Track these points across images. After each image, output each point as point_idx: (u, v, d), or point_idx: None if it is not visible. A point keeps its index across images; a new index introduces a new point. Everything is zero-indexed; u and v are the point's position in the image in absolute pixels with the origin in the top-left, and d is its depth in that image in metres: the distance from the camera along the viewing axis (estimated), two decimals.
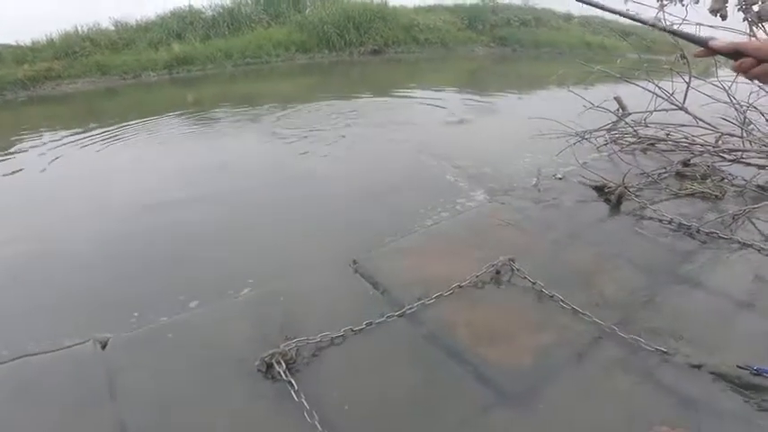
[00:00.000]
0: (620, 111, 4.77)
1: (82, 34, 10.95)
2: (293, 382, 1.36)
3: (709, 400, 1.28)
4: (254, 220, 3.03)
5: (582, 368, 1.42)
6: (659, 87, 3.66)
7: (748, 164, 3.18)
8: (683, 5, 2.78)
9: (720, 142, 3.40)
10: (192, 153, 4.84)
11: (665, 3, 2.84)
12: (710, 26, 2.64)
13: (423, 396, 1.35)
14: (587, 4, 0.99)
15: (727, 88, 3.49)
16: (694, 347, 1.29)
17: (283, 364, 1.42)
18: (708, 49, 0.79)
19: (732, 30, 2.61)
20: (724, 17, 2.56)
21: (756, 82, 0.82)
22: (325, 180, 3.72)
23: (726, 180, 2.92)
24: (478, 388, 1.37)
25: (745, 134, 3.28)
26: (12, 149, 5.00)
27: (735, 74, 0.82)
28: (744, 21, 2.55)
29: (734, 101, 3.50)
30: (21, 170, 4.30)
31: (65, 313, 2.10)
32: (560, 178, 3.15)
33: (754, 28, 2.56)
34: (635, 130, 3.95)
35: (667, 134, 3.82)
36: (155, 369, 1.50)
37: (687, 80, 3.46)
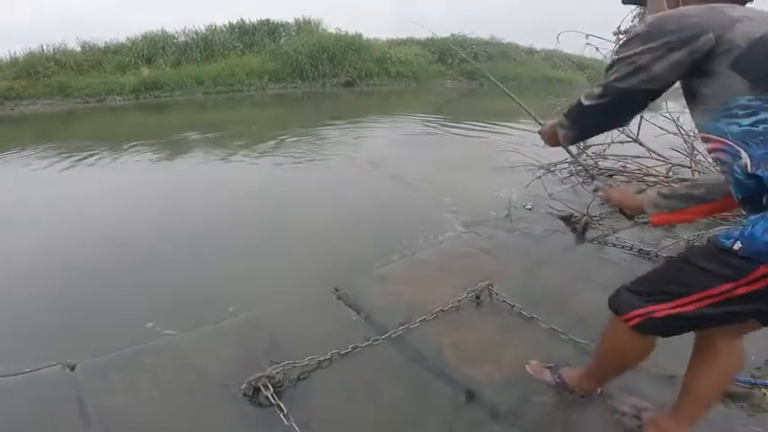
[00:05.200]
0: (582, 143, 5.10)
1: (47, 54, 10.65)
2: (282, 405, 1.35)
3: None
4: (225, 246, 2.96)
5: None
6: None
7: None
8: None
9: (671, 173, 3.68)
10: (160, 179, 4.75)
11: (621, 37, 3.14)
12: None
13: (414, 416, 1.36)
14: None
15: (675, 120, 3.80)
16: (667, 359, 1.38)
17: (271, 387, 1.40)
18: None
19: None
20: None
21: None
22: (295, 211, 3.71)
23: None
24: (469, 405, 1.40)
25: (693, 164, 3.56)
26: None
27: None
28: None
29: (682, 132, 3.80)
30: None
31: (27, 339, 1.98)
32: (530, 209, 3.32)
33: None
34: (595, 162, 4.22)
35: (623, 166, 4.10)
36: (132, 395, 1.43)
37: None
